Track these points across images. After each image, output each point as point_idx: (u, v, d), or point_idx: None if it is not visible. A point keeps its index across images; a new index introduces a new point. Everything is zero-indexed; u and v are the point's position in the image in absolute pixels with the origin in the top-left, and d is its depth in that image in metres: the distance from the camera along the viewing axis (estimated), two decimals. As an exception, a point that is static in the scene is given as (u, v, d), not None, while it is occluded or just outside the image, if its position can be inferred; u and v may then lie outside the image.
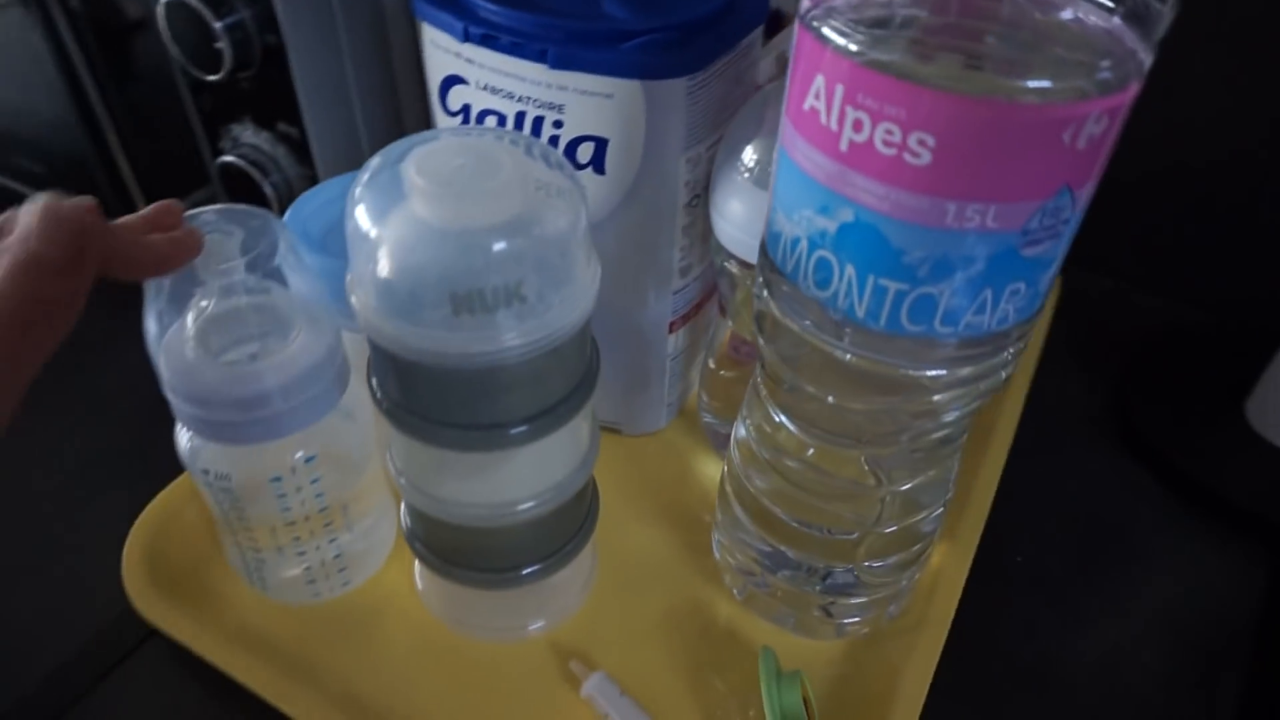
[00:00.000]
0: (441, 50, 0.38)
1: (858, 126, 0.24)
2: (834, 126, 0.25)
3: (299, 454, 0.35)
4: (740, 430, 0.37)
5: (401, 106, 0.48)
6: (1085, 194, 0.25)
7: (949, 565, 0.40)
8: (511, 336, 0.28)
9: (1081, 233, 0.27)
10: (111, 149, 0.55)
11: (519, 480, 0.34)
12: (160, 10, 0.45)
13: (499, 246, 0.28)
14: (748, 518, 0.37)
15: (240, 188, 0.48)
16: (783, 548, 0.36)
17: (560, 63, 0.35)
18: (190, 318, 0.33)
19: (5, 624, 0.40)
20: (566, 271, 0.29)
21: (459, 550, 0.36)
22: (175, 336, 0.33)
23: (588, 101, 0.36)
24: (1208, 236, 0.58)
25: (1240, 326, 0.55)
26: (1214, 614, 0.42)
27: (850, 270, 0.27)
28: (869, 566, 0.35)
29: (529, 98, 0.37)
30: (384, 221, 0.28)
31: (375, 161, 0.30)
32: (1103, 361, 0.54)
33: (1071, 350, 0.54)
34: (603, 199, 0.39)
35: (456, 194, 0.28)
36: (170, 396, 0.33)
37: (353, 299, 0.30)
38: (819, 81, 0.25)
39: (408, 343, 0.29)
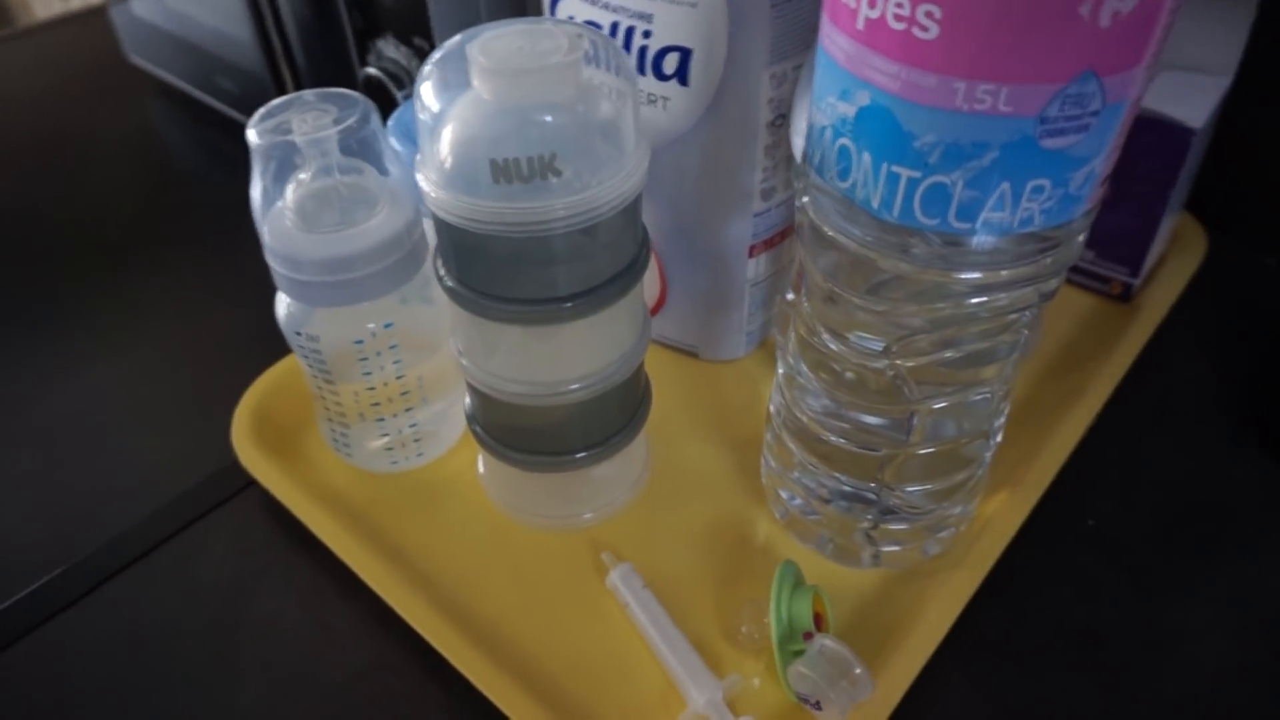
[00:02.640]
0: (551, -36, 0.40)
1: (872, 2, 0.24)
2: (852, 3, 0.25)
3: (378, 320, 0.38)
4: (785, 345, 0.37)
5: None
6: (1123, 85, 0.24)
7: (1001, 513, 0.38)
8: (551, 209, 0.30)
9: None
10: (281, 70, 0.60)
11: (566, 360, 0.35)
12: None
13: (534, 120, 0.29)
14: (786, 433, 0.37)
15: (380, 98, 0.52)
16: (815, 462, 0.36)
17: (647, -30, 0.36)
18: (290, 190, 0.37)
19: (131, 463, 0.46)
20: (608, 156, 0.31)
21: (511, 431, 0.38)
22: (277, 207, 0.37)
23: (674, 11, 0.37)
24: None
25: None
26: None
27: (866, 158, 0.26)
28: (905, 491, 0.35)
29: (622, 7, 0.38)
30: (445, 96, 0.31)
31: (451, 42, 0.32)
32: (1244, 343, 0.49)
33: (1212, 325, 0.50)
34: (686, 111, 0.39)
35: (508, 72, 0.30)
36: (270, 260, 0.37)
37: (419, 176, 0.32)
38: (841, -42, 0.25)
39: (462, 213, 0.31)
